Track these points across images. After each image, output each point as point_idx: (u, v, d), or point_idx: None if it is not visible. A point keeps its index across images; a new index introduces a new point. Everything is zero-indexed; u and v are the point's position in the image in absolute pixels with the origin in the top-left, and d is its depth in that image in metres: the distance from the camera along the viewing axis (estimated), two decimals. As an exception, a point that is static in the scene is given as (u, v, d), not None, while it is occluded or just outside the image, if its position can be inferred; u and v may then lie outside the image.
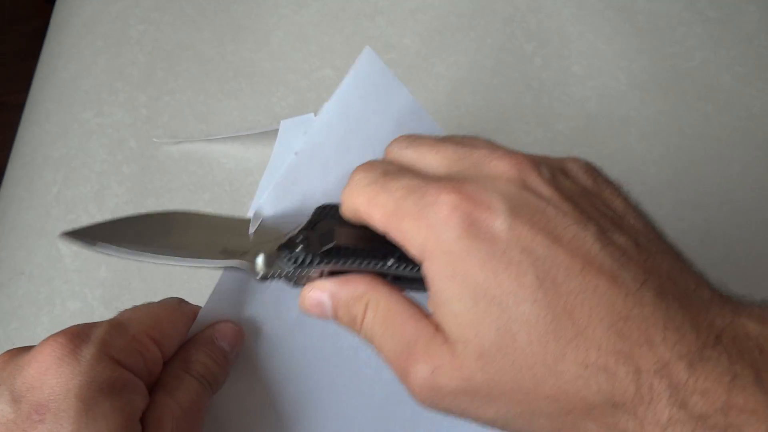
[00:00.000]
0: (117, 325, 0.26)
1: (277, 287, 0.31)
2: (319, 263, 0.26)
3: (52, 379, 0.23)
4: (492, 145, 0.24)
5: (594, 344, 0.20)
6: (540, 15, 0.50)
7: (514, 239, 0.21)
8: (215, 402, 0.31)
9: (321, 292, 0.25)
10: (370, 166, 0.25)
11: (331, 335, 0.33)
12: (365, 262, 0.25)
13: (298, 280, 0.27)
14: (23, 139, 0.47)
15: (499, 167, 0.22)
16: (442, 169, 0.24)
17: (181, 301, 0.30)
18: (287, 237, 0.27)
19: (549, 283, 0.20)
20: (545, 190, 0.22)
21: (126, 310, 0.28)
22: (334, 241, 0.25)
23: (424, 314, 0.23)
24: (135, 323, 0.27)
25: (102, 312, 0.39)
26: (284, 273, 0.27)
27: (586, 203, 0.22)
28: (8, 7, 1.36)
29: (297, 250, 0.26)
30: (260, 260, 0.27)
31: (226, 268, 0.28)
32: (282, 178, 0.31)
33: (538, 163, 0.23)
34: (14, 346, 0.26)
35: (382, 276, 0.25)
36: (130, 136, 0.45)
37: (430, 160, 0.24)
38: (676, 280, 0.21)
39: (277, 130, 0.44)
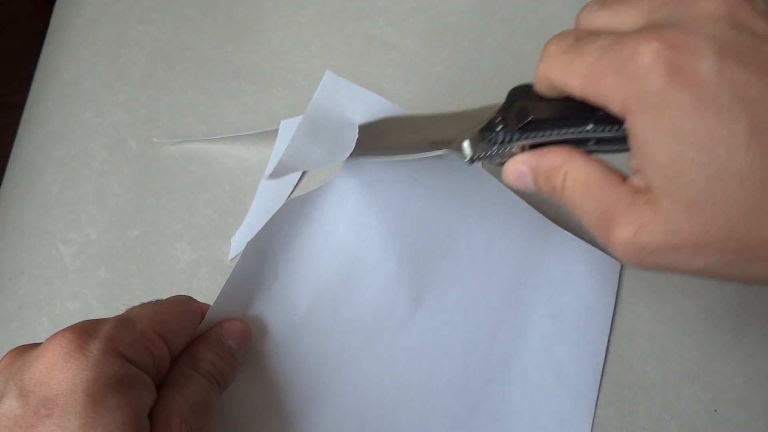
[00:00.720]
0: (124, 321, 0.26)
1: (286, 283, 0.31)
2: (518, 139, 0.26)
3: (60, 374, 0.23)
4: None
5: None
6: (540, 15, 0.50)
7: (725, 83, 0.20)
8: (224, 400, 0.31)
9: (521, 164, 0.26)
10: (562, 35, 0.24)
11: (340, 332, 0.33)
12: (564, 131, 0.25)
13: (502, 159, 0.28)
14: (23, 139, 0.47)
15: (706, 6, 0.21)
16: (641, 21, 0.22)
17: (189, 299, 0.30)
18: (487, 120, 0.28)
19: (764, 128, 0.19)
20: (760, 25, 0.20)
21: (134, 307, 0.28)
22: (530, 116, 0.26)
23: (623, 178, 0.23)
24: (143, 319, 0.27)
25: (102, 312, 0.39)
26: (488, 153, 0.27)
27: None
28: (8, 7, 1.36)
29: (497, 131, 0.27)
30: (466, 145, 0.28)
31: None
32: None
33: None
34: (14, 346, 0.26)
35: (584, 143, 0.25)
36: (130, 136, 0.45)
37: (626, 16, 0.23)
38: None
39: (277, 130, 0.44)
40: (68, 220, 0.42)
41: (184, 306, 0.29)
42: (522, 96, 0.27)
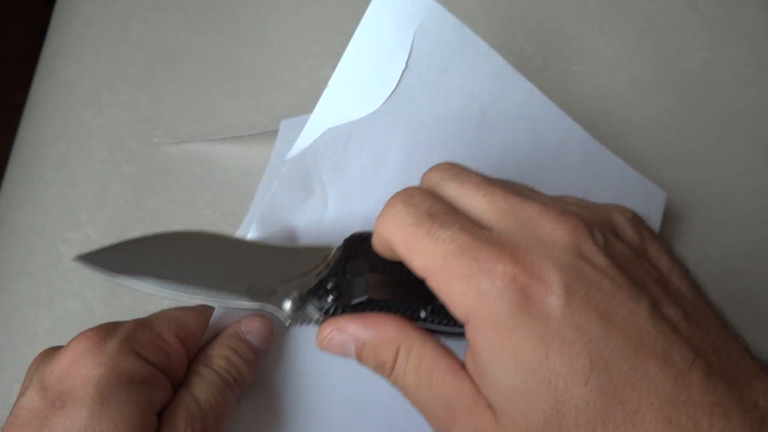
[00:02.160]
0: (143, 322, 0.27)
1: (338, 215, 0.31)
2: (348, 311, 0.25)
3: (77, 369, 0.24)
4: (542, 201, 0.23)
5: (642, 431, 0.19)
6: (540, 15, 0.50)
7: (569, 318, 0.20)
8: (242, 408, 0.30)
9: (342, 333, 0.25)
10: (410, 198, 0.23)
11: None
12: (397, 312, 0.25)
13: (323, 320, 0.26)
14: (23, 139, 0.47)
15: (554, 233, 0.22)
16: (488, 216, 0.23)
17: (210, 306, 0.30)
18: (316, 279, 0.26)
19: (601, 366, 0.20)
20: (601, 260, 0.21)
21: (156, 312, 0.29)
22: (366, 295, 0.25)
23: (461, 366, 0.23)
24: (161, 321, 0.28)
25: (102, 312, 0.39)
26: (312, 320, 0.26)
27: (638, 268, 0.22)
28: (8, 7, 1.36)
29: (327, 300, 0.25)
30: (288, 307, 0.26)
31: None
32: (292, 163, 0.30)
33: (591, 227, 0.22)
34: (14, 346, 0.26)
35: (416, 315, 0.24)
36: (130, 136, 0.45)
37: (476, 203, 0.23)
38: (722, 354, 0.21)
39: (277, 130, 0.44)
40: (68, 220, 0.42)
41: (205, 311, 0.29)
42: (360, 252, 0.26)
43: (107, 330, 0.26)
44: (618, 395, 0.20)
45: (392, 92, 0.31)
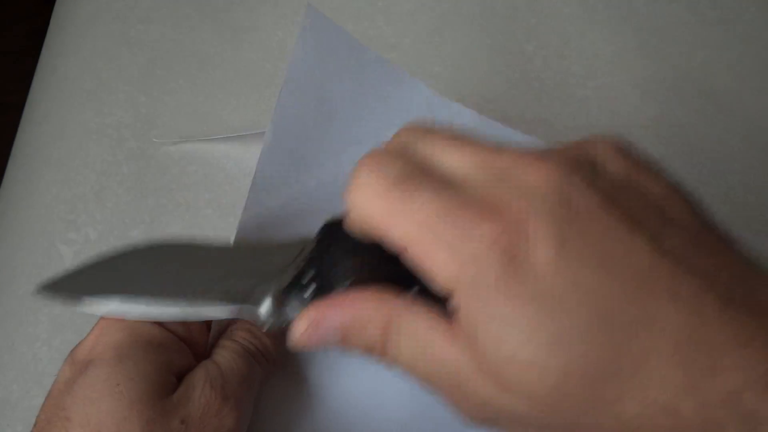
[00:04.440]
0: None
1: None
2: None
3: (103, 338, 0.26)
4: (515, 149, 0.21)
5: (654, 380, 0.18)
6: (540, 15, 0.50)
7: (561, 271, 0.18)
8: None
9: (319, 326, 0.22)
10: (377, 163, 0.21)
11: None
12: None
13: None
14: (23, 139, 0.47)
15: (533, 179, 0.19)
16: (463, 172, 0.21)
17: None
18: (294, 271, 0.24)
19: (603, 319, 0.18)
20: (587, 199, 0.19)
21: None
22: (347, 282, 0.22)
23: (454, 332, 0.20)
24: None
25: (102, 312, 0.39)
26: (293, 320, 0.23)
27: (631, 200, 0.20)
28: (8, 7, 1.36)
29: (305, 296, 0.23)
30: (264, 309, 0.24)
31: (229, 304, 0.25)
32: (258, 175, 0.31)
33: (572, 166, 0.20)
34: (14, 346, 0.26)
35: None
36: (130, 136, 0.45)
37: (449, 159, 0.21)
38: (737, 282, 0.19)
39: (277, 130, 0.44)
40: (68, 220, 0.42)
41: None
42: (334, 238, 0.23)
43: None
44: (625, 346, 0.18)
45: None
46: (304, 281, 0.23)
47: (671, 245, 0.19)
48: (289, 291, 0.24)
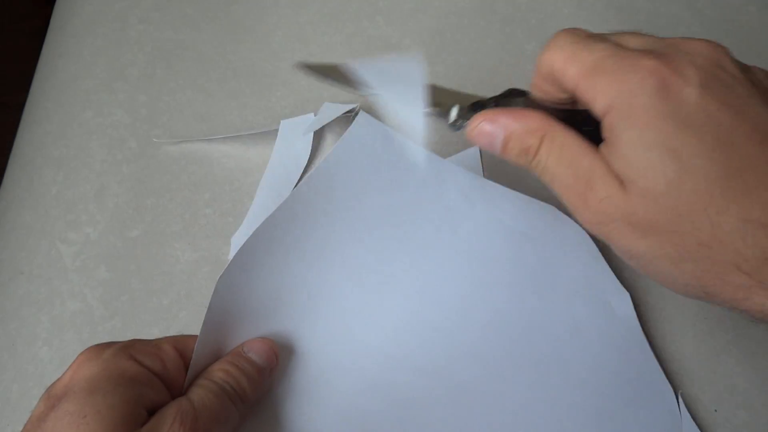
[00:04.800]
0: (144, 339, 0.29)
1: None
2: None
3: (77, 374, 0.27)
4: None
5: (759, 203, 0.21)
6: (540, 15, 0.50)
7: (702, 106, 0.22)
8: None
9: (492, 123, 0.27)
10: (573, 30, 0.26)
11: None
12: None
13: None
14: (23, 139, 0.47)
15: (698, 47, 0.24)
16: (641, 45, 0.25)
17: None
18: (480, 99, 0.29)
19: (727, 145, 0.22)
20: (737, 72, 0.24)
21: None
22: (524, 96, 0.28)
23: (596, 149, 0.25)
24: (161, 338, 0.30)
25: (102, 312, 0.39)
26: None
27: (761, 83, 0.24)
28: (8, 7, 1.36)
29: (486, 106, 0.28)
30: (454, 111, 0.29)
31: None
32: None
33: (730, 51, 0.25)
34: (14, 346, 0.26)
35: None
36: (130, 136, 0.45)
37: (630, 39, 0.25)
38: None
39: (277, 130, 0.44)
40: (68, 220, 0.42)
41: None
42: (518, 95, 0.29)
43: (109, 343, 0.28)
44: (740, 171, 0.22)
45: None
46: (488, 100, 0.29)
47: None
48: (473, 107, 0.29)
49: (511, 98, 0.29)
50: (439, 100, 0.30)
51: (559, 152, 0.25)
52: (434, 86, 0.31)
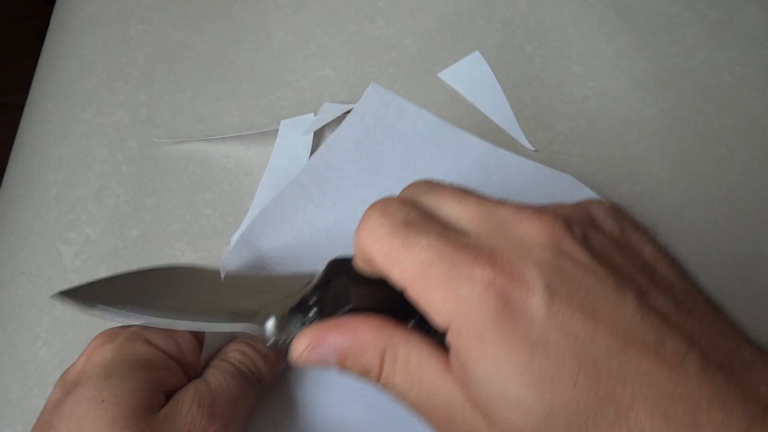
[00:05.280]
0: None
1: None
2: None
3: (92, 359, 0.27)
4: (515, 204, 0.22)
5: (636, 429, 0.19)
6: (540, 15, 0.50)
7: (552, 318, 0.19)
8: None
9: (320, 347, 0.24)
10: (386, 208, 0.23)
11: None
12: None
13: None
14: (23, 139, 0.47)
15: (530, 231, 0.21)
16: (464, 222, 0.22)
17: None
18: (300, 296, 0.25)
19: (589, 366, 0.19)
20: (580, 254, 0.21)
21: None
22: (350, 305, 0.24)
23: (448, 364, 0.22)
24: None
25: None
26: (295, 336, 0.24)
27: (621, 260, 0.21)
28: (8, 7, 1.36)
29: (310, 315, 0.25)
30: (270, 325, 0.26)
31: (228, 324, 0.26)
32: (273, 202, 0.32)
33: (568, 222, 0.21)
34: (14, 346, 0.26)
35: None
36: (130, 136, 0.45)
37: (452, 210, 0.23)
38: (717, 342, 0.20)
39: (277, 130, 0.44)
40: (68, 220, 0.42)
41: None
42: (342, 272, 0.25)
43: (122, 327, 0.28)
44: (609, 394, 0.19)
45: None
46: (310, 302, 0.25)
47: (657, 304, 0.20)
48: (294, 313, 0.25)
49: (335, 283, 0.24)
50: (243, 304, 0.26)
51: (404, 372, 0.22)
52: (231, 276, 0.28)
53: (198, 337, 0.29)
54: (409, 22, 0.50)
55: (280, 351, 0.26)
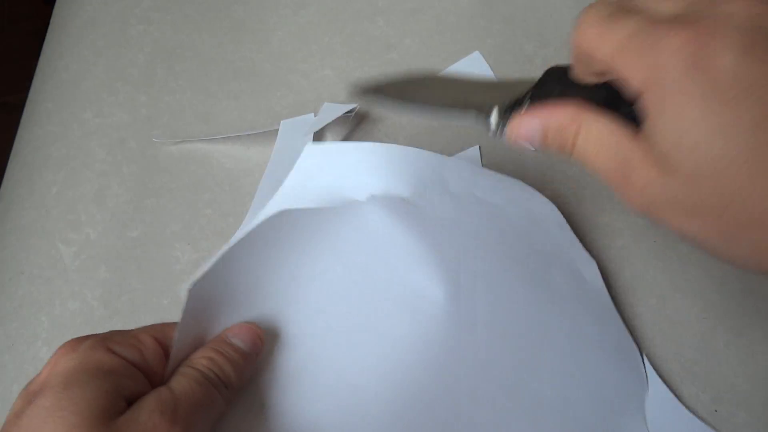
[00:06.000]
0: (122, 330, 0.29)
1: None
2: None
3: (54, 369, 0.26)
4: None
5: None
6: (540, 15, 0.50)
7: (743, 74, 0.21)
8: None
9: (528, 125, 0.27)
10: (599, 5, 0.25)
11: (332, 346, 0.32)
12: None
13: None
14: (23, 139, 0.47)
15: (734, 6, 0.22)
16: (673, 10, 0.24)
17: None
18: (518, 94, 0.29)
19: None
20: None
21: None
22: (564, 76, 0.27)
23: (635, 134, 0.24)
24: (140, 329, 0.29)
25: (102, 312, 0.39)
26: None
27: None
28: (8, 7, 1.36)
29: (524, 105, 0.28)
30: (494, 114, 0.29)
31: None
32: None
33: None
34: (14, 346, 0.26)
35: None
36: (130, 136, 0.45)
37: (663, 3, 0.24)
38: None
39: (277, 130, 0.44)
40: (68, 220, 0.42)
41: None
42: (556, 77, 0.29)
43: (86, 336, 0.28)
44: None
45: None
46: (527, 97, 0.29)
47: None
48: (512, 106, 0.29)
49: (549, 85, 0.28)
50: (473, 99, 0.31)
51: (595, 141, 0.25)
52: (458, 80, 0.32)
53: (163, 345, 0.29)
54: (409, 22, 0.50)
55: (501, 137, 0.30)
